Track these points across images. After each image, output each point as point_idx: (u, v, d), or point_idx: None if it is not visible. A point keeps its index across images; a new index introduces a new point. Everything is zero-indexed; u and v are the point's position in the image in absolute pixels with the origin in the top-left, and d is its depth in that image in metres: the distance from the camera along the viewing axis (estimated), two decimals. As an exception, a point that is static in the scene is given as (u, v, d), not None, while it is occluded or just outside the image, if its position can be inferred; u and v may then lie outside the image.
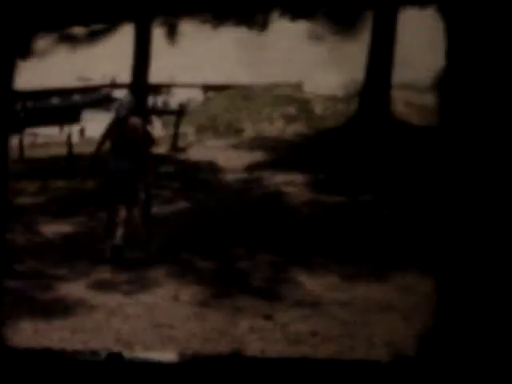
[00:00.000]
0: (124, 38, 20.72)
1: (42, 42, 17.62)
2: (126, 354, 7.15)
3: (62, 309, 8.69)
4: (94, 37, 19.79)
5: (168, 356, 7.04)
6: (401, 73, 23.20)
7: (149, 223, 11.07)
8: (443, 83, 4.65)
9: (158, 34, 19.95)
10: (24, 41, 5.00)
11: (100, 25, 19.25)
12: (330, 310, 8.77)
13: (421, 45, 33.42)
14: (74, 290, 9.35)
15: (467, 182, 4.63)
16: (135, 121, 10.76)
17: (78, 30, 19.20)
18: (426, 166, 16.23)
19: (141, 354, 7.44)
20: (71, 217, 12.73)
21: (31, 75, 15.89)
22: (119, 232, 10.38)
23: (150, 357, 6.50)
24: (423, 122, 21.38)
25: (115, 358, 6.28)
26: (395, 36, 20.70)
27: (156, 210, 13.11)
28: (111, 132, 10.74)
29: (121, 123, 10.61)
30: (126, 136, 10.57)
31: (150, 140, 11.40)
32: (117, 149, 10.60)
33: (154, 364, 5.54)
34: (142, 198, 10.92)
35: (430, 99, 24.90)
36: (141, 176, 10.72)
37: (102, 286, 9.52)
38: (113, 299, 9.07)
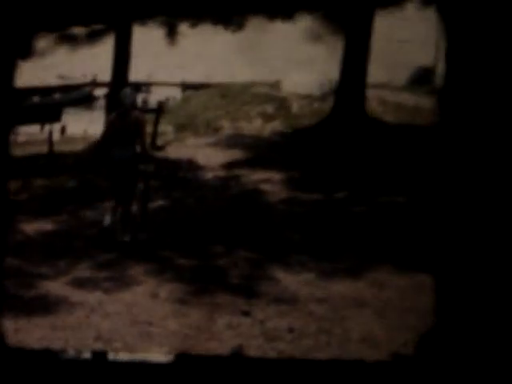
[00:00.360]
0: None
1: (42, 42, 17.56)
2: (124, 355, 7.14)
3: (43, 306, 8.68)
4: (93, 37, 19.72)
5: (163, 356, 7.03)
6: (375, 71, 23.27)
7: (145, 209, 11.58)
8: (444, 85, 4.66)
9: (137, 33, 19.87)
10: (25, 41, 4.98)
11: (99, 25, 19.21)
12: (306, 306, 8.81)
13: (395, 44, 33.53)
14: (55, 287, 9.34)
15: (466, 180, 4.64)
16: (137, 113, 11.47)
17: (78, 30, 19.11)
18: (400, 163, 16.32)
19: (137, 354, 7.43)
20: (52, 215, 12.69)
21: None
22: (108, 217, 11.22)
23: (147, 357, 6.46)
24: (397, 120, 21.47)
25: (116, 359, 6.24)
26: (370, 35, 20.74)
27: (134, 207, 13.12)
28: (113, 124, 11.43)
29: (124, 115, 11.20)
30: (129, 127, 11.16)
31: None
32: (119, 138, 11.21)
33: (153, 365, 5.52)
34: (141, 188, 11.49)
35: (404, 98, 25.03)
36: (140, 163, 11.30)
37: (82, 284, 9.52)
38: (93, 297, 9.07)
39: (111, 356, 6.56)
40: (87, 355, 6.45)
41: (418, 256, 10.60)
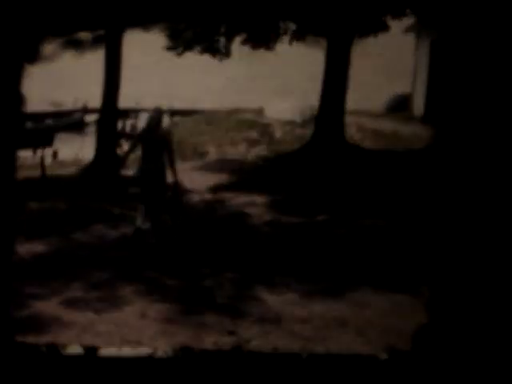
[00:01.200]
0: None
1: (48, 47, 17.47)
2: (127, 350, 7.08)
3: (36, 326, 8.61)
4: (99, 42, 19.57)
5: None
6: (354, 98, 23.39)
7: (177, 212, 12.64)
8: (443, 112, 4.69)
9: (125, 59, 19.81)
10: (32, 45, 4.94)
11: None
12: (289, 325, 8.80)
13: (373, 71, 33.71)
14: (48, 307, 9.28)
15: (462, 192, 4.65)
16: (163, 131, 12.48)
17: (84, 35, 18.98)
18: (378, 187, 16.38)
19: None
20: (45, 237, 12.62)
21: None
22: (139, 220, 12.11)
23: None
24: (376, 145, 21.57)
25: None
26: (349, 63, 20.84)
27: (123, 230, 13.10)
28: (142, 138, 12.26)
29: (150, 132, 12.01)
30: (155, 143, 11.97)
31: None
32: (147, 152, 12.02)
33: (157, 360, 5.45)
34: (172, 193, 12.44)
35: (382, 124, 25.14)
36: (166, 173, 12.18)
37: (74, 304, 9.47)
38: (84, 317, 9.02)
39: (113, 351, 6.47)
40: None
41: (397, 277, 10.63)
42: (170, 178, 12.23)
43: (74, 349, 6.08)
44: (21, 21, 4.55)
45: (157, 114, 12.18)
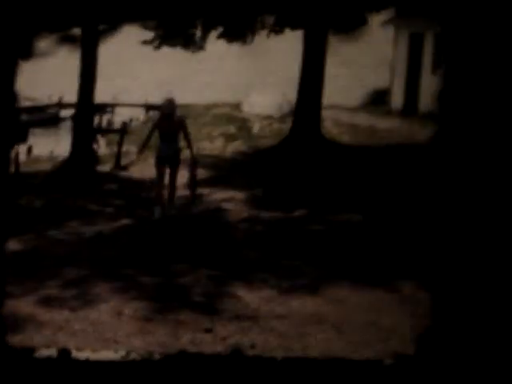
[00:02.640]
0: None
1: (43, 43, 17.31)
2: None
3: (11, 325, 8.52)
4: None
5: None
6: (331, 93, 23.43)
7: (194, 189, 14.55)
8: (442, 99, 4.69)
9: (102, 54, 19.73)
10: (26, 41, 4.89)
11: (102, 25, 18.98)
12: (267, 322, 8.80)
13: (351, 65, 33.77)
14: (23, 306, 9.23)
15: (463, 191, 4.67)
16: (179, 117, 14.16)
17: (79, 31, 18.86)
18: (355, 182, 16.44)
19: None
20: (20, 235, 12.56)
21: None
22: (158, 210, 13.54)
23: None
24: (352, 140, 21.62)
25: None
26: (325, 57, 20.87)
27: (100, 226, 13.08)
28: (158, 125, 13.80)
29: (167, 119, 13.59)
30: (172, 127, 13.64)
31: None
32: (164, 137, 13.62)
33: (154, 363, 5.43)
34: (189, 171, 14.35)
35: (359, 118, 25.21)
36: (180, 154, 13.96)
37: (49, 302, 9.42)
38: (60, 315, 8.98)
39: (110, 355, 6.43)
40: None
41: (374, 272, 10.67)
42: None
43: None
44: (15, 16, 4.51)
45: (170, 104, 13.68)
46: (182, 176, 14.58)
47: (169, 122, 13.61)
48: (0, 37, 4.50)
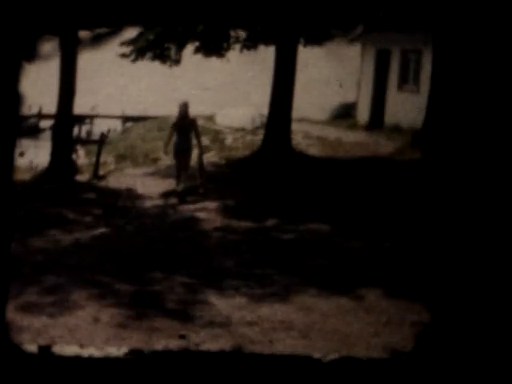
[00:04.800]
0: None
1: (47, 46, 17.21)
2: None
3: (-9, 331, 8.54)
4: (98, 40, 19.33)
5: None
6: (301, 106, 23.55)
7: (202, 170, 17.12)
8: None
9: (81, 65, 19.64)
10: (30, 44, 4.85)
11: (104, 29, 18.87)
12: (238, 329, 8.85)
13: (319, 80, 33.93)
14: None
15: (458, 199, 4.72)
16: (191, 118, 16.64)
17: (83, 34, 18.75)
18: (323, 193, 16.52)
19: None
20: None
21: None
22: (181, 184, 16.40)
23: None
24: (321, 152, 21.72)
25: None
26: (295, 72, 20.96)
27: (78, 235, 13.06)
28: (176, 125, 16.58)
29: (182, 119, 16.42)
30: (186, 127, 16.46)
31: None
32: (180, 134, 16.43)
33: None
34: (198, 162, 17.01)
35: (327, 132, 25.33)
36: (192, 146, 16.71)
37: (28, 309, 9.40)
38: (38, 321, 8.98)
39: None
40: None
41: (341, 280, 10.75)
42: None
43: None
44: (19, 19, 4.47)
45: (185, 107, 16.43)
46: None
47: (184, 122, 16.42)
48: (4, 39, 4.46)
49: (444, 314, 4.87)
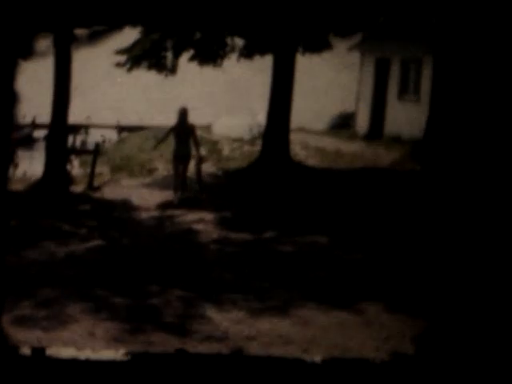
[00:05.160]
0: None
1: (43, 43, 17.16)
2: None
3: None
4: (94, 38, 19.29)
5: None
6: (299, 116, 23.55)
7: (200, 179, 17.64)
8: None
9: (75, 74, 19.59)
10: (26, 41, 4.82)
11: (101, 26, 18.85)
12: (236, 343, 8.82)
13: (318, 90, 33.95)
14: (-3, 326, 9.17)
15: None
16: (190, 124, 16.99)
17: (79, 31, 18.70)
18: (322, 204, 16.51)
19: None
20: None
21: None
22: (181, 193, 16.93)
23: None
24: (319, 163, 21.71)
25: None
26: (293, 82, 20.97)
27: (72, 247, 13.02)
28: (175, 129, 16.97)
29: (181, 124, 16.85)
30: (185, 131, 16.86)
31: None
32: (179, 139, 16.89)
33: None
34: (196, 168, 17.51)
35: (325, 142, 25.32)
36: (191, 153, 17.12)
37: (22, 322, 9.36)
38: (32, 335, 8.93)
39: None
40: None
41: (340, 294, 10.73)
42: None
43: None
44: (15, 16, 4.44)
45: (184, 113, 16.89)
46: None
47: (182, 127, 16.87)
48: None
49: (443, 317, 4.88)
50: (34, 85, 21.97)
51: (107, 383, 4.98)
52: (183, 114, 16.94)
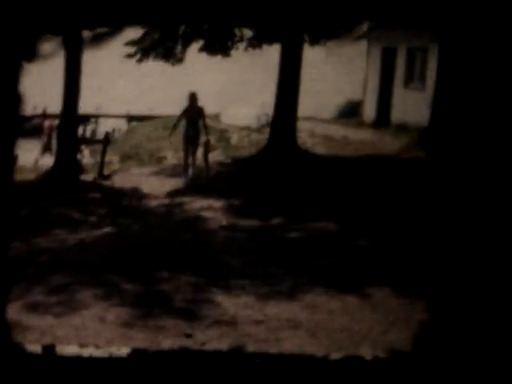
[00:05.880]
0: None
1: (47, 45, 17.22)
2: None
3: (-3, 331, 8.54)
4: (98, 40, 19.34)
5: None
6: (306, 104, 23.51)
7: (207, 162, 18.28)
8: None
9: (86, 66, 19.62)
10: (30, 43, 4.84)
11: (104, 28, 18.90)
12: (245, 328, 8.83)
13: (325, 78, 33.88)
14: (9, 312, 9.18)
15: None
16: (199, 107, 17.93)
17: (83, 33, 18.71)
18: (329, 191, 16.51)
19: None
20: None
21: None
22: (190, 171, 17.93)
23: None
24: (327, 151, 21.70)
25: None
26: (300, 70, 20.94)
27: (83, 234, 13.07)
28: (185, 112, 17.87)
29: (192, 107, 17.79)
30: (195, 114, 17.82)
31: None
32: (189, 121, 17.82)
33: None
34: (203, 149, 18.18)
35: (332, 130, 25.29)
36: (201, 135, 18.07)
37: (34, 308, 9.41)
38: (44, 321, 8.98)
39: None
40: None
41: (347, 278, 10.73)
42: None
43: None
44: (19, 19, 4.44)
45: (194, 97, 17.80)
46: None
47: (192, 110, 17.79)
48: (3, 38, 4.44)
49: (444, 313, 4.88)
50: (37, 87, 21.99)
51: (111, 381, 5.00)
52: (193, 97, 17.83)
